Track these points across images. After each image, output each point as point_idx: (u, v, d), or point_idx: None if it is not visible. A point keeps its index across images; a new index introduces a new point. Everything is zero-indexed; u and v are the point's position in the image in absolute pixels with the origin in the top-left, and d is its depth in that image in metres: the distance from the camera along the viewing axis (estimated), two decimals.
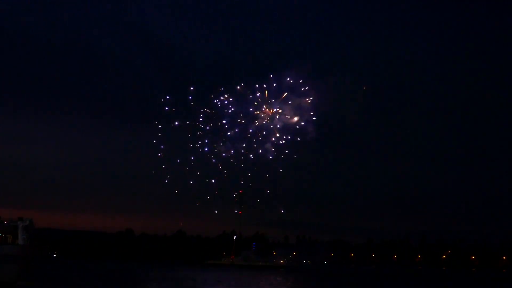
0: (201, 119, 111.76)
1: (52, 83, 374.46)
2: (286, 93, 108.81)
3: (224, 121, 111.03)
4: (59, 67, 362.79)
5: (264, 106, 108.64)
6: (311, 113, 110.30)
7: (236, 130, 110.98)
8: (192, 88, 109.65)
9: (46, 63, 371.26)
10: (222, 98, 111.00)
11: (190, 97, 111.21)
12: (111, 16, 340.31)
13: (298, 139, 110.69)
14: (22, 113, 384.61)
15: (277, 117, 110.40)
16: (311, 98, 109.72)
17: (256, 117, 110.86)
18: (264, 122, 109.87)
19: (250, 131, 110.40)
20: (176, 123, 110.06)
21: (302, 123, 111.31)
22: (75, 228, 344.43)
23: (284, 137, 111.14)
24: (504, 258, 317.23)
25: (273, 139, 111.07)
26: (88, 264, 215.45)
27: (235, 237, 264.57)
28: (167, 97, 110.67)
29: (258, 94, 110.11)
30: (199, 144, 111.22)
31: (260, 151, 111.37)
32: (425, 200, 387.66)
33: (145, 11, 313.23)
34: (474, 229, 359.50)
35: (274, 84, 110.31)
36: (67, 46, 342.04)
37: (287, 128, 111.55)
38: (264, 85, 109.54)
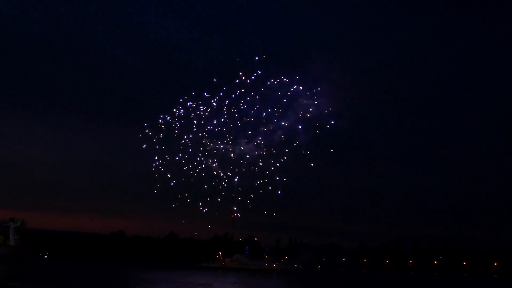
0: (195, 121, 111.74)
1: (49, 84, 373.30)
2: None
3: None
4: (55, 67, 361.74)
5: None
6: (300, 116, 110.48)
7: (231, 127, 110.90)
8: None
9: (42, 63, 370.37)
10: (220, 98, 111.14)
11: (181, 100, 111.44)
12: (110, 18, 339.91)
13: (296, 143, 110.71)
14: (15, 114, 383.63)
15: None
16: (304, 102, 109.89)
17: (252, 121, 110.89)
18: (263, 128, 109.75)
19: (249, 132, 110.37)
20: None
21: (300, 127, 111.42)
22: (67, 230, 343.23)
23: (278, 138, 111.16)
24: (495, 264, 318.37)
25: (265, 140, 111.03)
26: (79, 265, 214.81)
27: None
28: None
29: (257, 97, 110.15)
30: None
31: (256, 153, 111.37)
32: (417, 205, 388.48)
33: (143, 14, 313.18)
34: (466, 235, 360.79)
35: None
36: (65, 47, 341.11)
37: (280, 131, 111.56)
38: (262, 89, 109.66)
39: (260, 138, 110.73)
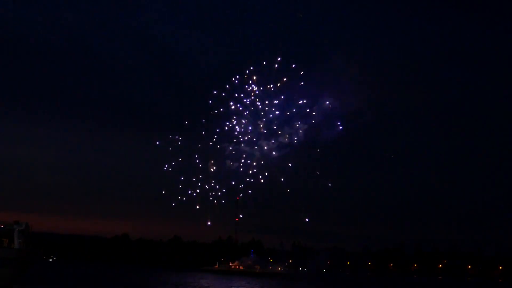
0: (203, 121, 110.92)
1: (53, 87, 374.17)
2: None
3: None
4: (59, 70, 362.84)
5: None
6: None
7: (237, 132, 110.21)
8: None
9: (44, 65, 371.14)
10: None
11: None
12: (114, 21, 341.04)
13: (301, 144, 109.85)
14: (20, 116, 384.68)
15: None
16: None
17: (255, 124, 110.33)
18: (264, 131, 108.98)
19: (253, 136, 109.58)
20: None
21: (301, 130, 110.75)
22: (72, 232, 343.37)
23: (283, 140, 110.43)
24: (500, 267, 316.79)
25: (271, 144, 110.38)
26: (82, 268, 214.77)
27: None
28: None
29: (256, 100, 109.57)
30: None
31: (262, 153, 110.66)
32: (421, 208, 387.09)
33: (148, 18, 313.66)
34: (470, 238, 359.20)
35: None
36: (68, 49, 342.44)
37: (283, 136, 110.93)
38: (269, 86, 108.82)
39: (272, 141, 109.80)
